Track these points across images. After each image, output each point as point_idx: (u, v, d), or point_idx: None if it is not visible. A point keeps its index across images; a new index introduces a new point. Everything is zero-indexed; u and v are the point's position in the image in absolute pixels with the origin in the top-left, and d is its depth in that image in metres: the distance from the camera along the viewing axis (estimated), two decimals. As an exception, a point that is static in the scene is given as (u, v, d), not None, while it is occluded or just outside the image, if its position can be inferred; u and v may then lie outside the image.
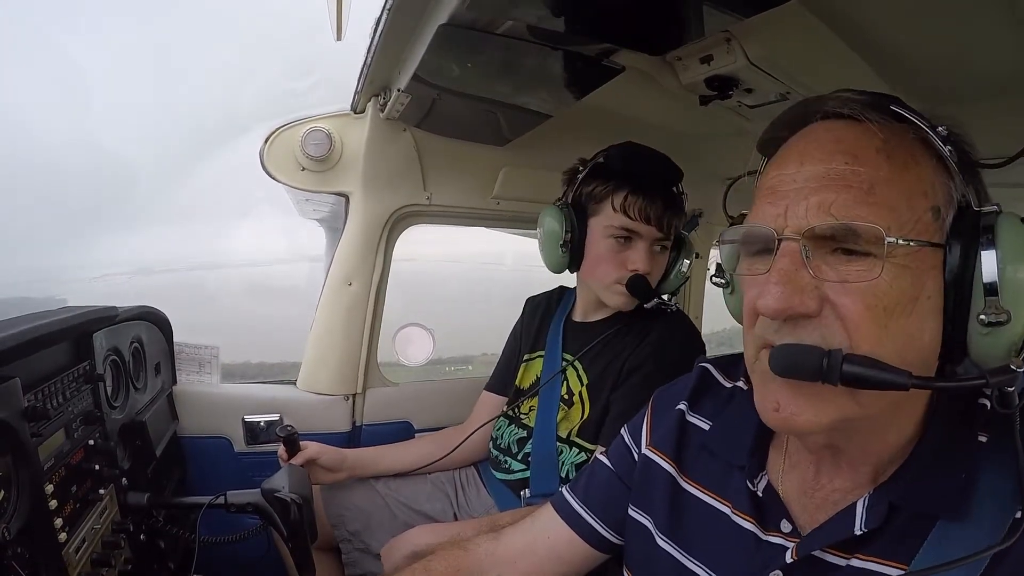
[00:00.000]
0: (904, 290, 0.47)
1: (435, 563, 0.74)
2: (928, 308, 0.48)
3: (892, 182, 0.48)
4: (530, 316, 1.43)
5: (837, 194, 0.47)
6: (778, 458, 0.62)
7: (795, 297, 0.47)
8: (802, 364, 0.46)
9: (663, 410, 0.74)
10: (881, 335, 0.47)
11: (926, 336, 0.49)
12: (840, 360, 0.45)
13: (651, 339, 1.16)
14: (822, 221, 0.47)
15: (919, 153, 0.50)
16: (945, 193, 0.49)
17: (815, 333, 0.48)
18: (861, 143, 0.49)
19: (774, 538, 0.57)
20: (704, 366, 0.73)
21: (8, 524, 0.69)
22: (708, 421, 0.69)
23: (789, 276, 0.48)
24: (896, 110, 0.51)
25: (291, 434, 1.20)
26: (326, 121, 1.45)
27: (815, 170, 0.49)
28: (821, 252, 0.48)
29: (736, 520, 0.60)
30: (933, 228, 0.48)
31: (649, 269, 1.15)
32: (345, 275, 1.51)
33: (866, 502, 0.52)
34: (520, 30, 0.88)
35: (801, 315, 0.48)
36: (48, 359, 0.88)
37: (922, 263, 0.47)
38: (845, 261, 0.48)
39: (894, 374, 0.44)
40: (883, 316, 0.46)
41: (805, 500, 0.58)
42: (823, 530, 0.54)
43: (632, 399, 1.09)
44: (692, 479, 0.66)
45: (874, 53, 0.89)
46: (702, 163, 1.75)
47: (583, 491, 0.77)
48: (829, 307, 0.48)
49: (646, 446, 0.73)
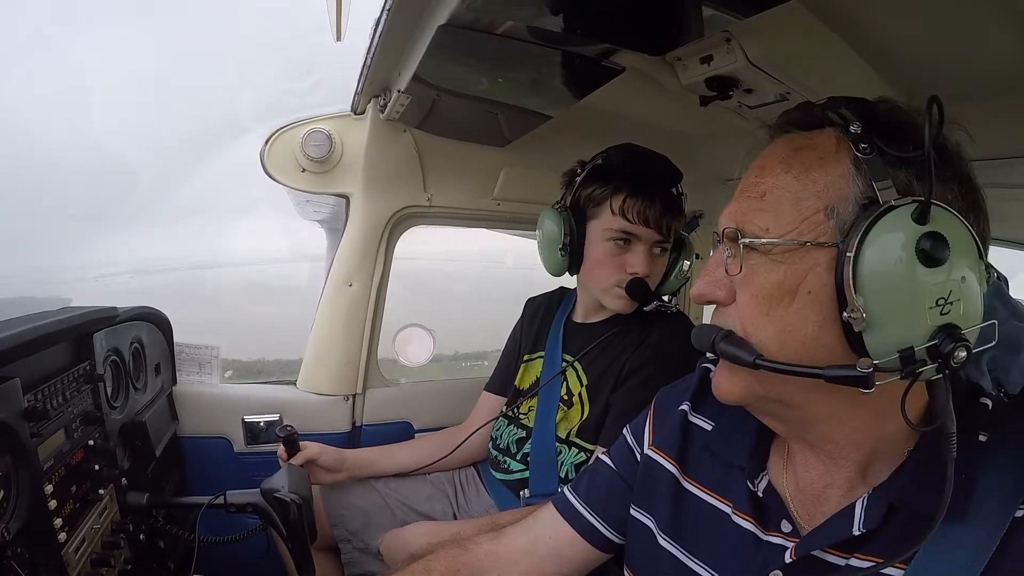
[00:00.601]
0: (778, 283, 0.51)
1: (435, 562, 0.74)
2: (809, 301, 0.50)
3: (782, 188, 0.53)
4: (530, 317, 1.43)
5: (740, 203, 0.56)
6: (779, 458, 0.62)
7: (707, 287, 0.56)
8: (700, 339, 0.56)
9: (666, 411, 0.74)
10: (762, 321, 0.52)
11: (808, 327, 0.50)
12: (719, 337, 0.54)
13: (651, 340, 1.16)
14: (728, 225, 0.55)
15: (834, 156, 0.51)
16: (842, 193, 0.50)
17: (723, 319, 0.56)
18: (774, 156, 0.55)
19: (774, 538, 0.58)
20: (707, 367, 0.74)
21: (8, 524, 0.69)
22: (710, 422, 0.69)
23: (709, 270, 0.58)
24: (829, 114, 0.53)
25: (291, 434, 1.20)
26: (326, 122, 1.45)
27: (743, 183, 0.57)
28: (737, 250, 0.54)
29: (736, 520, 0.61)
30: (823, 227, 0.50)
31: (648, 272, 1.15)
32: (346, 276, 1.51)
33: (865, 503, 0.52)
34: (520, 31, 0.88)
35: (716, 302, 0.57)
36: (48, 359, 0.88)
37: (801, 260, 0.51)
38: (745, 258, 0.54)
39: (744, 351, 0.52)
40: (764, 304, 0.52)
41: (805, 500, 0.58)
42: (822, 530, 0.54)
43: (632, 400, 1.09)
44: (694, 479, 0.67)
45: (874, 53, 0.89)
46: (702, 164, 1.75)
47: (585, 491, 0.77)
48: (735, 297, 0.55)
49: (648, 446, 0.73)
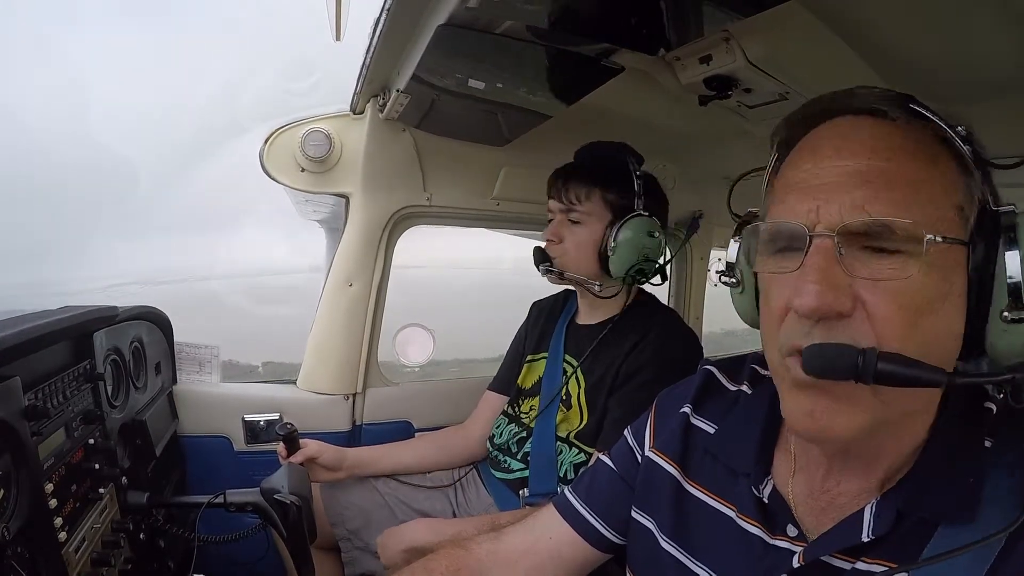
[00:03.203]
0: (935, 288, 0.46)
1: (435, 562, 0.74)
2: (954, 306, 0.48)
3: (923, 180, 0.47)
4: (535, 319, 1.44)
5: (873, 191, 0.46)
6: (784, 462, 0.61)
7: (830, 294, 0.46)
8: (837, 363, 0.45)
9: (667, 413, 0.73)
10: (910, 334, 0.46)
11: (950, 334, 0.48)
12: (875, 358, 0.44)
13: (648, 341, 1.16)
14: (856, 218, 0.46)
15: (939, 152, 0.49)
16: (966, 192, 0.49)
17: (845, 333, 0.46)
18: (892, 140, 0.48)
19: (780, 542, 0.57)
20: (709, 369, 0.72)
21: (8, 523, 0.69)
22: (713, 425, 0.68)
23: (824, 274, 0.46)
24: (916, 108, 0.50)
25: (291, 432, 1.21)
26: (326, 122, 1.45)
27: (848, 166, 0.48)
28: (852, 249, 0.47)
29: (741, 524, 0.60)
30: (958, 226, 0.48)
31: (553, 238, 1.22)
32: (345, 276, 1.51)
33: (874, 509, 0.52)
34: (519, 30, 0.88)
35: (836, 314, 0.46)
36: (48, 358, 0.88)
37: (950, 261, 0.47)
38: (876, 259, 0.46)
39: (930, 371, 0.44)
40: (914, 315, 0.46)
41: (811, 504, 0.57)
42: (831, 536, 0.53)
43: (630, 404, 1.09)
44: (697, 482, 0.66)
45: (874, 53, 0.89)
46: (702, 163, 1.75)
47: (585, 492, 0.77)
48: (860, 306, 0.46)
49: (650, 448, 0.72)
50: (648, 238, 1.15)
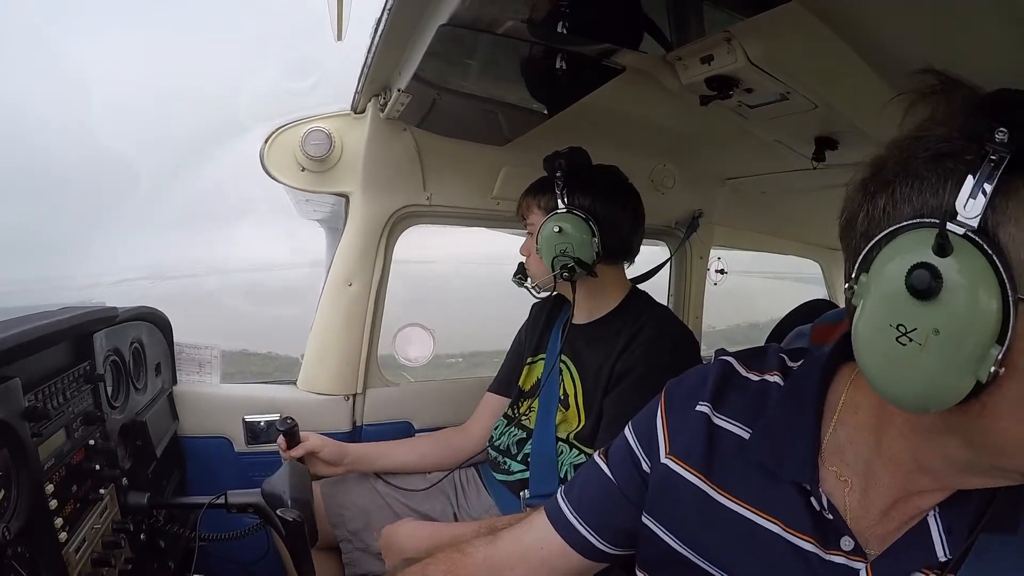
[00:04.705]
0: None
1: (432, 567, 0.73)
2: None
3: None
4: (534, 320, 1.44)
5: None
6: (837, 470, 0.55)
7: None
8: None
9: (680, 413, 0.65)
10: None
11: None
12: None
13: (641, 339, 1.15)
14: None
15: None
16: None
17: None
18: None
19: (837, 558, 0.52)
20: (726, 359, 0.65)
21: (8, 524, 0.69)
22: (745, 427, 0.60)
23: None
24: None
25: (291, 427, 1.21)
26: (326, 121, 1.45)
27: None
28: None
29: (791, 539, 0.54)
30: None
31: (524, 254, 1.35)
32: (345, 275, 1.51)
33: (939, 521, 0.48)
34: (520, 30, 0.88)
35: None
36: (48, 359, 0.88)
37: None
38: None
39: None
40: None
41: (862, 513, 0.53)
42: (900, 552, 0.49)
43: (625, 403, 1.09)
44: (728, 492, 0.59)
45: (874, 53, 0.89)
46: (702, 163, 1.75)
47: (577, 499, 0.71)
48: None
49: (666, 455, 0.64)
50: (556, 235, 1.18)
